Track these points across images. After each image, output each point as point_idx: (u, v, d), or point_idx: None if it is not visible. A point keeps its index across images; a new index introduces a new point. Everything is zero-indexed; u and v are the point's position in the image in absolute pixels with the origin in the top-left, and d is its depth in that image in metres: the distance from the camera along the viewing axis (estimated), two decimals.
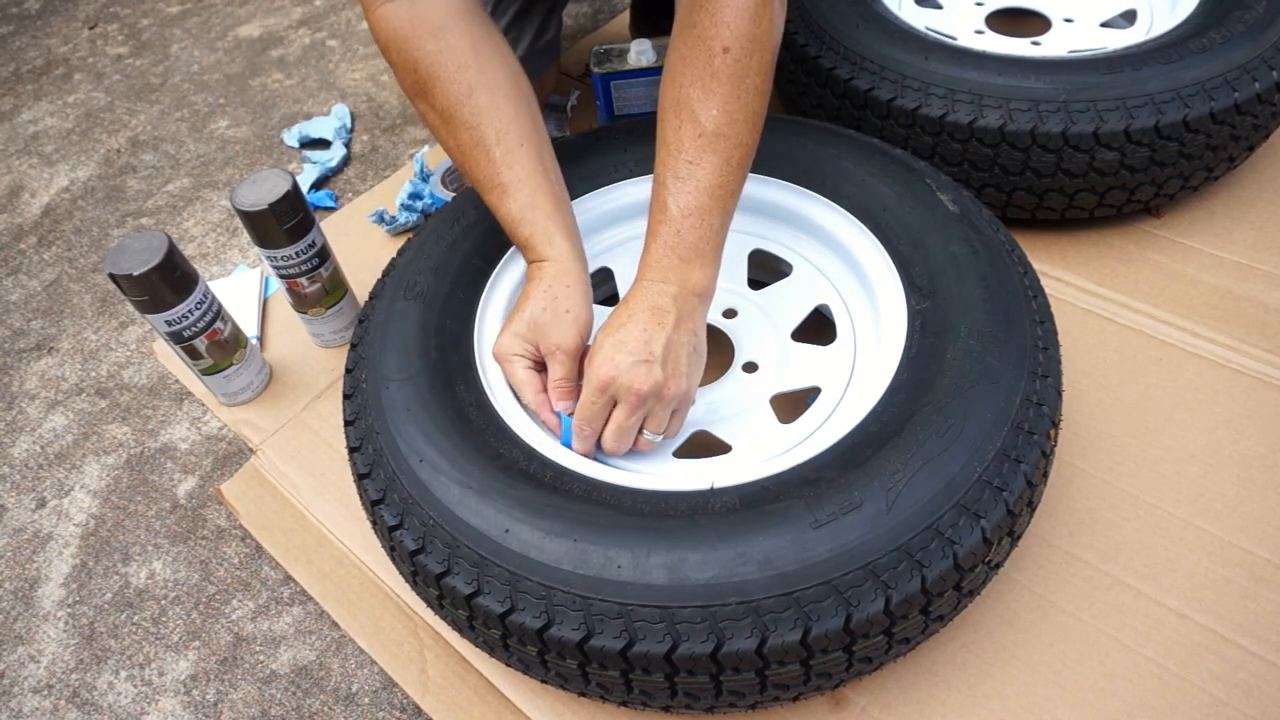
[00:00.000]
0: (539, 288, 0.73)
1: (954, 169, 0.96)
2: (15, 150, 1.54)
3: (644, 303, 0.69)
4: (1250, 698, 0.68)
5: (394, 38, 0.76)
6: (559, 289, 0.73)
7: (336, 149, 1.38)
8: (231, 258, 1.26)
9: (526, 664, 0.63)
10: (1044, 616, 0.74)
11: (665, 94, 0.71)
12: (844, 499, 0.59)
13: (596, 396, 0.68)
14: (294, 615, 0.85)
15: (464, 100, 0.75)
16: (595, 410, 0.69)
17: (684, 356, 0.68)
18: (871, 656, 0.60)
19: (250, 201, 0.87)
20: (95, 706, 0.82)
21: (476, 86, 0.75)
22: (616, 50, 1.07)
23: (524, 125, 0.76)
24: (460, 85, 0.75)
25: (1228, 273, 0.97)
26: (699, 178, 0.68)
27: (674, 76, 0.70)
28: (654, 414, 0.69)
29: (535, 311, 0.72)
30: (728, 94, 0.68)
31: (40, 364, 1.15)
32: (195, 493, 0.97)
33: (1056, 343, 0.71)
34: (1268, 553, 0.75)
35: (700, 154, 0.68)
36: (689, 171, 0.68)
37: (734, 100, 0.68)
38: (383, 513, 0.66)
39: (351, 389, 0.75)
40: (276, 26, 1.75)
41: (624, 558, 0.58)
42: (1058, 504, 0.80)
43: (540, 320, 0.72)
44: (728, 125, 0.68)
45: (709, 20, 0.67)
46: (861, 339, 0.80)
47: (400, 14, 0.75)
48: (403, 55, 0.76)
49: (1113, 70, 0.91)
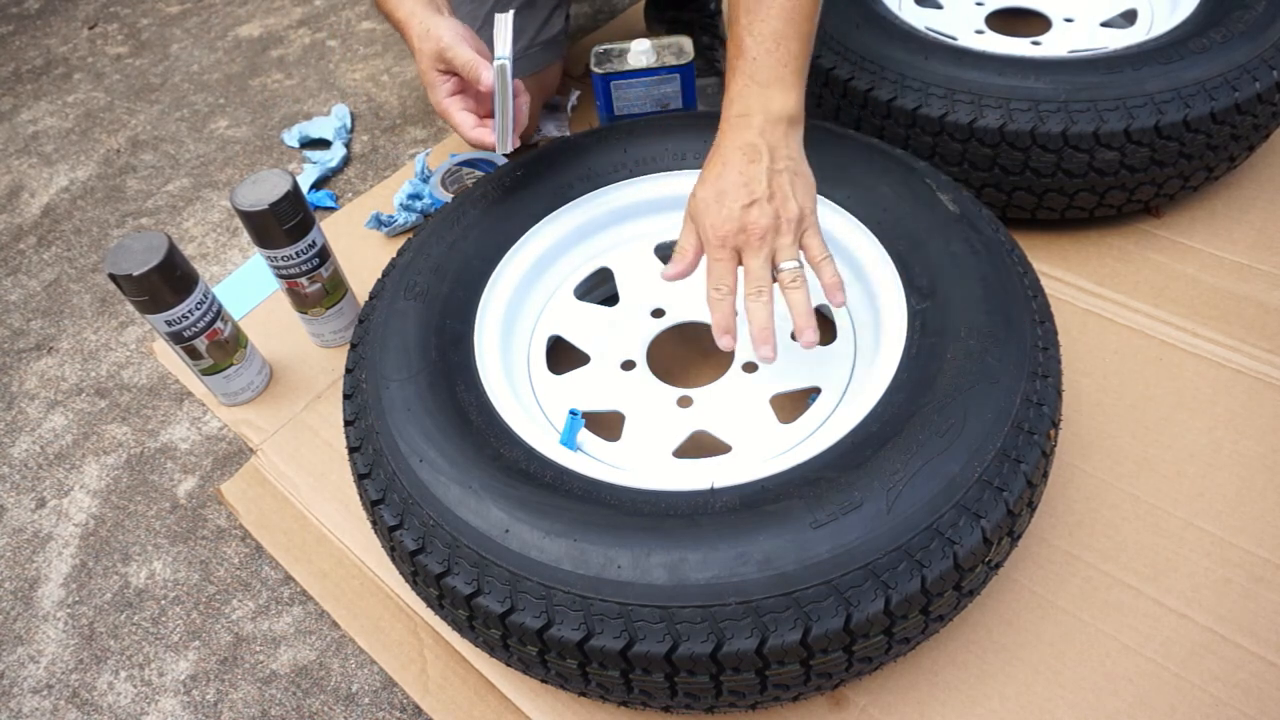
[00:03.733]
0: (414, 42, 0.86)
1: (954, 169, 0.96)
2: (15, 150, 1.54)
3: (732, 143, 0.69)
4: (1250, 698, 0.68)
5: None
6: (424, 30, 0.84)
7: (336, 149, 1.37)
8: (231, 258, 1.26)
9: (526, 664, 0.63)
10: (1044, 616, 0.74)
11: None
12: (844, 499, 0.59)
13: (719, 254, 0.68)
14: (294, 615, 0.85)
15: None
16: (724, 266, 0.68)
17: (786, 183, 0.68)
18: (871, 656, 0.60)
19: (250, 201, 0.87)
20: (95, 706, 0.82)
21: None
22: (616, 50, 1.07)
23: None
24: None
25: (1228, 273, 0.97)
26: (770, 5, 0.69)
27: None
28: (780, 248, 0.68)
29: (421, 47, 0.85)
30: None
31: (40, 364, 1.15)
32: (195, 493, 0.97)
33: (1056, 343, 0.71)
34: (1268, 553, 0.75)
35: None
36: (759, 3, 0.69)
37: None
38: (383, 513, 0.66)
39: (351, 389, 0.75)
40: (276, 26, 1.75)
41: (624, 558, 0.58)
42: (1058, 504, 0.80)
43: (426, 50, 0.84)
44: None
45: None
46: (861, 339, 0.80)
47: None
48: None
49: (1113, 70, 0.91)
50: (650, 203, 0.92)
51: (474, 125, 0.85)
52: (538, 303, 0.89)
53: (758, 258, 0.68)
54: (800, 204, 0.69)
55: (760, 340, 0.67)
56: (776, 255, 0.68)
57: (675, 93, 1.07)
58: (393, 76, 1.55)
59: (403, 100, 1.49)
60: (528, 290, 0.88)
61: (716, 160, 0.69)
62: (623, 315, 0.88)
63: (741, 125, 0.69)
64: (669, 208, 0.92)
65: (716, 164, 0.69)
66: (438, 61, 0.84)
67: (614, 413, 0.80)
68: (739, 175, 0.67)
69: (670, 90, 1.07)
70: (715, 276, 0.69)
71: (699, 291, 0.88)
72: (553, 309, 0.89)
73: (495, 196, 0.88)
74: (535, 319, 0.88)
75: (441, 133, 1.40)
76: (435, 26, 0.84)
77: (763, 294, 0.68)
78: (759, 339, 0.67)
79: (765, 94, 0.69)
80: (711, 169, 0.69)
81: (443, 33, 0.83)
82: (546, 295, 0.90)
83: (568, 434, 0.75)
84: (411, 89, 1.51)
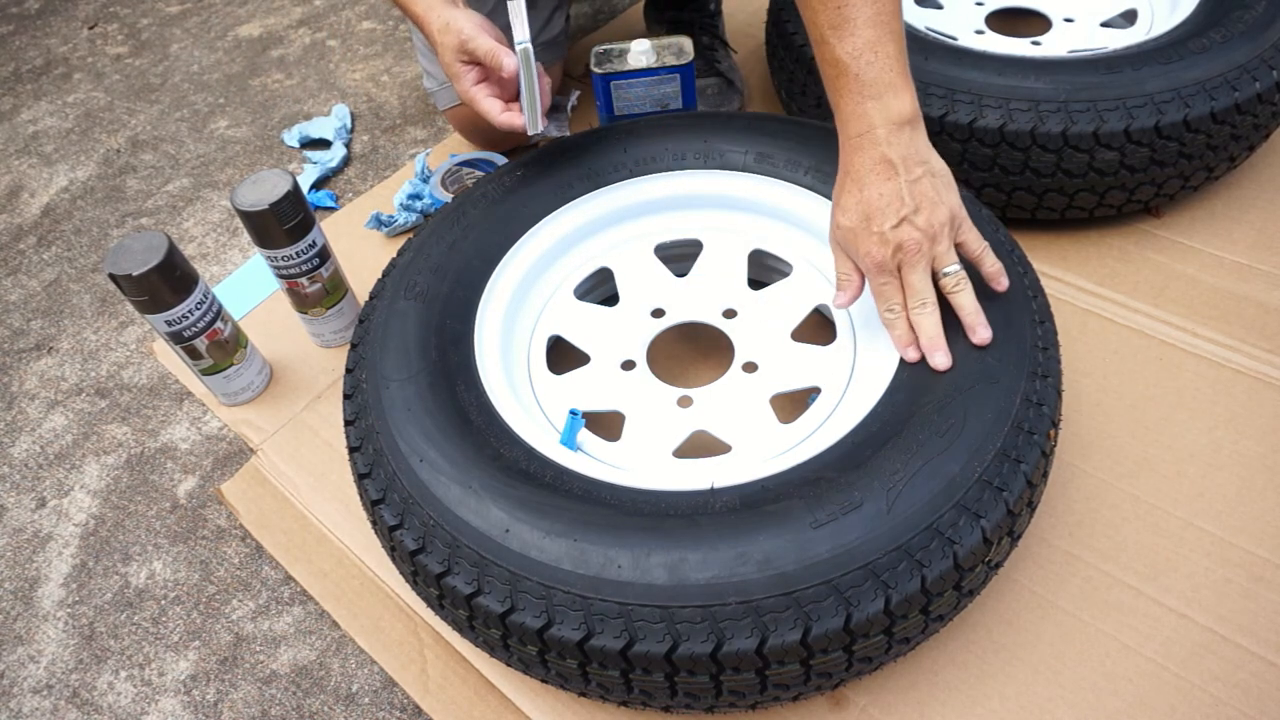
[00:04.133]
0: (435, 35, 0.87)
1: (954, 169, 0.96)
2: (15, 150, 1.54)
3: (862, 163, 0.68)
4: (1250, 698, 0.68)
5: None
6: (444, 23, 0.86)
7: (336, 149, 1.37)
8: (232, 258, 1.26)
9: (526, 664, 0.63)
10: (1044, 616, 0.74)
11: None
12: (844, 499, 0.59)
13: (881, 278, 0.68)
14: (294, 615, 0.85)
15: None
16: (889, 288, 0.69)
17: (928, 188, 0.67)
18: (871, 656, 0.60)
19: (250, 201, 0.87)
20: (95, 706, 0.82)
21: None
22: (616, 50, 1.07)
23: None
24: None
25: (1228, 273, 0.97)
26: (855, 17, 0.67)
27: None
28: (938, 255, 0.68)
29: (443, 40, 0.86)
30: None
31: (40, 364, 1.15)
32: (195, 493, 0.97)
33: (1056, 343, 0.71)
34: (1268, 553, 0.75)
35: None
36: (841, 16, 0.67)
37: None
38: (383, 513, 0.66)
39: (351, 389, 0.75)
40: (276, 26, 1.75)
41: (624, 558, 0.58)
42: (1058, 504, 0.80)
43: (448, 43, 0.85)
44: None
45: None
46: (861, 339, 0.80)
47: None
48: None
49: (1113, 70, 0.91)
50: (650, 203, 0.92)
51: (501, 110, 0.87)
52: (538, 303, 0.89)
53: (916, 271, 0.67)
54: (948, 205, 0.68)
55: (933, 348, 0.67)
56: (936, 263, 0.68)
57: (675, 93, 1.07)
58: (393, 76, 1.55)
59: (403, 100, 1.49)
60: (528, 290, 0.88)
61: (850, 185, 0.68)
62: (623, 315, 0.88)
63: (866, 143, 0.68)
64: (669, 208, 0.92)
65: (852, 189, 0.68)
66: (460, 53, 0.86)
67: (614, 413, 0.80)
68: (879, 196, 0.67)
69: (670, 90, 1.07)
70: (884, 300, 0.69)
71: (699, 291, 0.88)
72: (553, 309, 0.89)
73: (495, 196, 0.88)
74: (535, 319, 0.88)
75: (442, 133, 1.40)
76: (454, 19, 0.86)
77: (926, 305, 0.68)
78: (932, 348, 0.68)
79: (880, 105, 0.67)
80: (848, 195, 0.68)
81: (462, 25, 0.85)
82: (546, 295, 0.90)
83: (568, 434, 0.75)
84: (411, 89, 1.51)
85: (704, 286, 0.89)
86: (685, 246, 0.92)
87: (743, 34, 1.40)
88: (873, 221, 0.67)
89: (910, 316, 0.69)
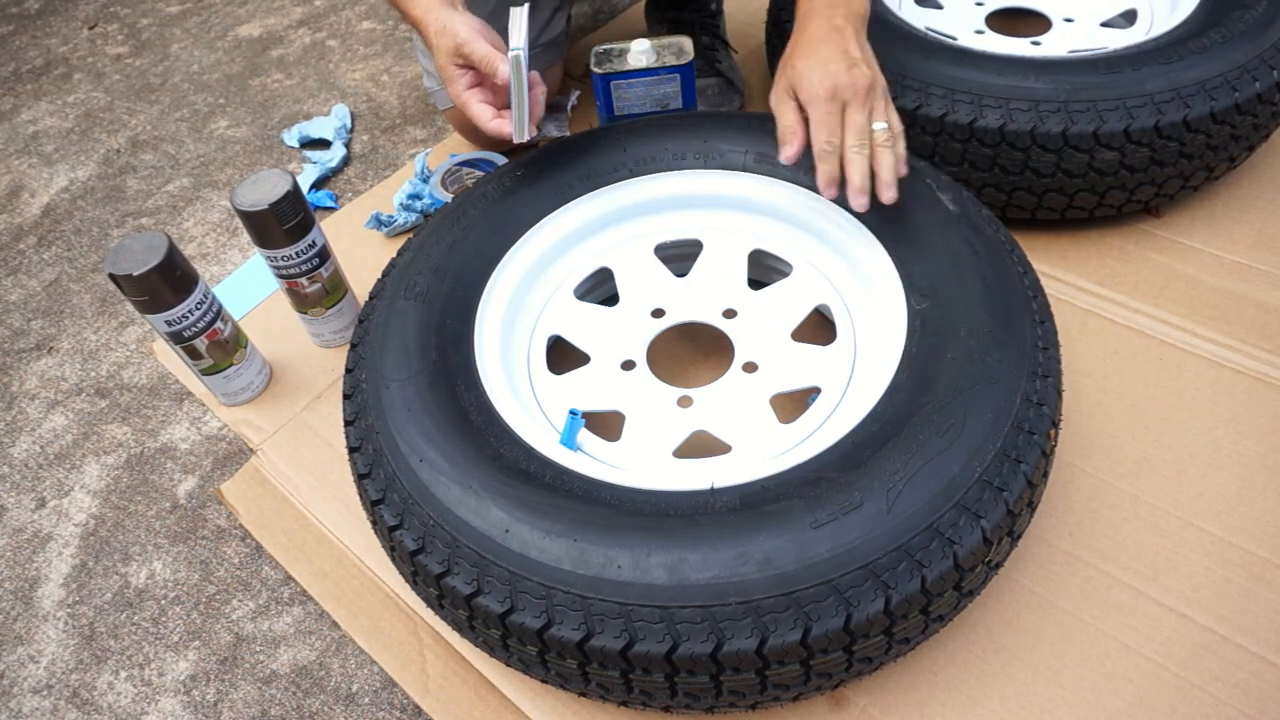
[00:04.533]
0: (432, 38, 0.87)
1: (954, 169, 0.96)
2: (15, 150, 1.54)
3: (823, 25, 0.78)
4: (1250, 698, 0.68)
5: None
6: (441, 26, 0.86)
7: (336, 149, 1.37)
8: (231, 258, 1.26)
9: (526, 664, 0.64)
10: (1044, 616, 0.74)
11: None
12: (844, 499, 0.59)
13: (828, 107, 0.74)
14: (294, 615, 0.85)
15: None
16: (833, 120, 0.75)
17: (871, 57, 0.78)
18: (871, 656, 0.60)
19: (250, 201, 0.87)
20: (95, 707, 0.82)
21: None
22: (616, 50, 1.07)
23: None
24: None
25: (1228, 273, 0.97)
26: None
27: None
28: (876, 106, 0.75)
29: (439, 43, 0.86)
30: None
31: (40, 364, 1.15)
32: (195, 493, 0.97)
33: (1056, 343, 0.71)
34: (1268, 553, 0.75)
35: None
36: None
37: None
38: (383, 513, 0.66)
39: (351, 389, 0.75)
40: (276, 26, 1.75)
41: (624, 558, 0.58)
42: (1058, 504, 0.80)
43: (444, 46, 0.86)
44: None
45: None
46: (861, 339, 0.80)
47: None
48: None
49: (1113, 70, 0.91)
50: (650, 203, 0.92)
51: (492, 117, 0.88)
52: (538, 303, 0.89)
53: (862, 112, 0.74)
54: (884, 79, 0.77)
55: (859, 190, 0.75)
56: (873, 114, 0.75)
57: (675, 93, 1.07)
58: (393, 76, 1.55)
59: (403, 100, 1.49)
60: (528, 290, 0.88)
61: (809, 38, 0.77)
62: (623, 315, 0.88)
63: (829, 14, 0.77)
64: (669, 207, 0.92)
65: (810, 41, 0.77)
66: (455, 56, 0.86)
67: (614, 413, 0.80)
68: (835, 47, 0.75)
69: (670, 90, 1.07)
70: (826, 130, 0.75)
71: (699, 291, 0.88)
72: (553, 309, 0.89)
73: (495, 196, 0.88)
74: (535, 319, 0.88)
75: (441, 133, 1.40)
76: (451, 23, 0.86)
77: (864, 147, 0.74)
78: (859, 188, 0.75)
79: (844, 5, 0.79)
80: (805, 45, 0.77)
81: (459, 28, 0.86)
82: (546, 295, 0.90)
83: (568, 434, 0.75)
84: (411, 89, 1.51)
85: (704, 286, 0.89)
86: (685, 246, 0.92)
87: (743, 34, 1.40)
88: (829, 62, 0.75)
89: (848, 155, 0.74)
